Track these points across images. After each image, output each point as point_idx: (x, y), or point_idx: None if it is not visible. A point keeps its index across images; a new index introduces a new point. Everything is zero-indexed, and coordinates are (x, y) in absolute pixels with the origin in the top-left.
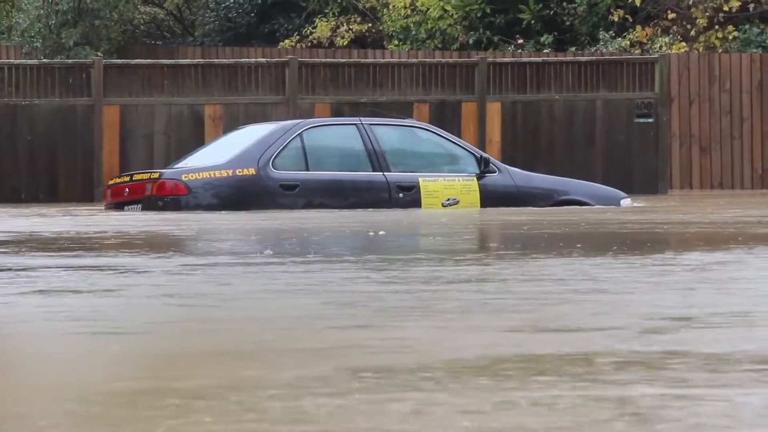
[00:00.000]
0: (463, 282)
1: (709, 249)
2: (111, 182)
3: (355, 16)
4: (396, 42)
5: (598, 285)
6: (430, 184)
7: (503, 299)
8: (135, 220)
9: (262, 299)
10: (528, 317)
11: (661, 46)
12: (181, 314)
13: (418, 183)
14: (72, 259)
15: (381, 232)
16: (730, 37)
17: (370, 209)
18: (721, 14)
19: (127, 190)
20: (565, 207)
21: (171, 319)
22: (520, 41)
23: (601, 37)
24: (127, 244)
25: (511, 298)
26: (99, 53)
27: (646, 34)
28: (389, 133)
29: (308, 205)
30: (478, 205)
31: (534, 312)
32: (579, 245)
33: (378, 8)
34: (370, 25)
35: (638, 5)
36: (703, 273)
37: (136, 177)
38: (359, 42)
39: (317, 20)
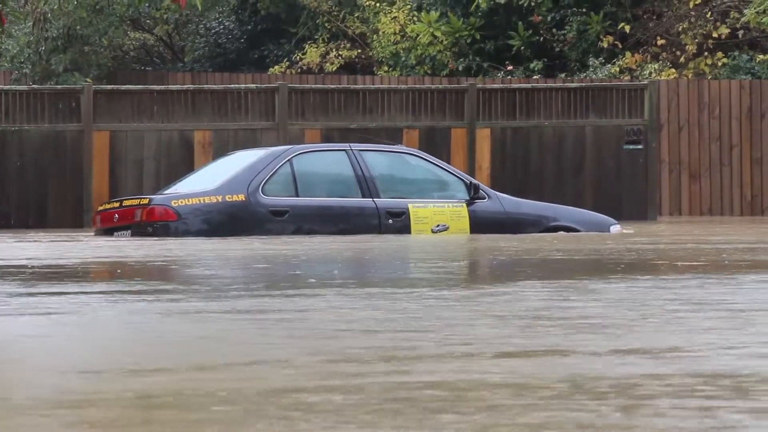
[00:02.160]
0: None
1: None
2: (100, 208)
3: (345, 42)
4: (386, 68)
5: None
6: (420, 210)
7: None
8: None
9: None
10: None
11: (650, 73)
12: None
13: (408, 209)
14: None
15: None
16: (720, 64)
17: (354, 235)
18: (710, 41)
19: (116, 216)
20: (545, 234)
21: None
22: (510, 67)
23: (590, 63)
24: None
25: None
26: (88, 79)
27: (636, 61)
28: (379, 159)
29: (298, 231)
30: (468, 231)
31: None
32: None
33: (368, 34)
34: (359, 51)
35: (628, 32)
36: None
37: (125, 203)
38: (349, 68)
39: (307, 46)
